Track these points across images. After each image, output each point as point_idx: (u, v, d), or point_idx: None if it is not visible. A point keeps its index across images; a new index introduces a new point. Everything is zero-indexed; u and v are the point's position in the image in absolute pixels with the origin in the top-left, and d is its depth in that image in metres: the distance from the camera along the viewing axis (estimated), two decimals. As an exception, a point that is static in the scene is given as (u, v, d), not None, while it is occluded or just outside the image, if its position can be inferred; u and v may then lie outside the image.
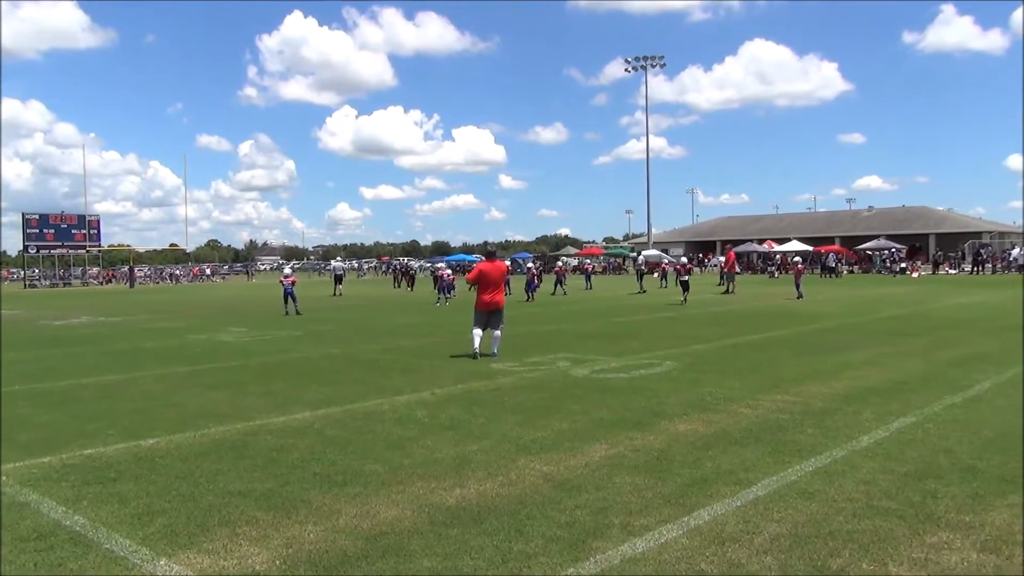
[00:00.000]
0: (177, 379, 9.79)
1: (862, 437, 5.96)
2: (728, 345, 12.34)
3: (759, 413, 6.92)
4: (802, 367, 9.68)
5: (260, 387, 8.92)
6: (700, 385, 8.41)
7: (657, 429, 6.36)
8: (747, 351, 11.49)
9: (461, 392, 8.34)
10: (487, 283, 11.20)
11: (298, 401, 7.93)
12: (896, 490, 4.69)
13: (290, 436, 6.35)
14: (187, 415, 7.31)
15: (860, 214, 73.40)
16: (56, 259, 65.30)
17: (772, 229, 71.53)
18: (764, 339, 13.11)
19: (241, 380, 9.54)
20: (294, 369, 10.50)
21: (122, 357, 12.35)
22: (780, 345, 12.18)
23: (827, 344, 12.10)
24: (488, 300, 11.19)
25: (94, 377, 9.98)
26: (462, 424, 6.69)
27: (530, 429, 6.43)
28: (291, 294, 20.99)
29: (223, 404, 7.89)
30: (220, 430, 6.61)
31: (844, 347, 11.58)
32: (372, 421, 6.89)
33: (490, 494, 4.75)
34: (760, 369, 9.58)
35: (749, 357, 10.75)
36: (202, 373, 10.26)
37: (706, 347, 12.07)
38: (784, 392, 7.90)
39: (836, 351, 11.12)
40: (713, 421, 6.62)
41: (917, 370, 9.29)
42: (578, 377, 9.23)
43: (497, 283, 11.24)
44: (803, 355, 10.84)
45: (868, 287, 32.15)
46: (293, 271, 25.07)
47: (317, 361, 11.33)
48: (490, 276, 11.19)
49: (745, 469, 5.15)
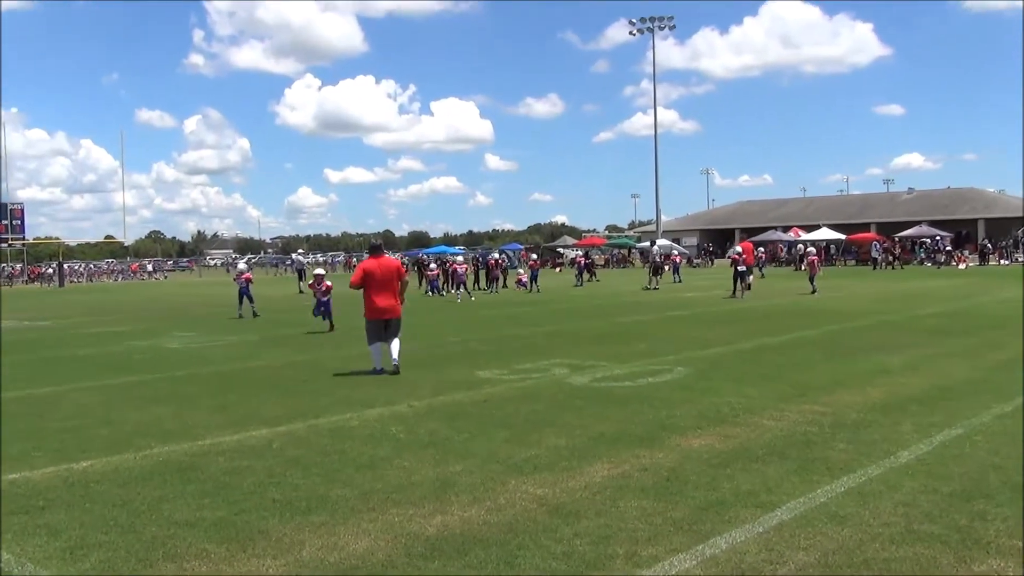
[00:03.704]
0: (115, 392, 9.73)
1: (901, 452, 6.00)
2: (748, 348, 12.39)
3: (783, 426, 6.95)
4: (832, 372, 9.73)
5: (211, 401, 8.89)
6: (716, 394, 8.44)
7: (667, 445, 6.37)
8: (769, 355, 11.54)
9: (442, 404, 8.34)
10: (375, 286, 10.28)
11: (255, 416, 7.91)
12: (940, 512, 4.72)
13: (245, 457, 6.32)
14: (127, 433, 7.27)
15: (899, 197, 73.86)
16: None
17: (798, 215, 71.82)
18: (789, 341, 13.17)
19: (189, 393, 9.50)
20: (250, 380, 10.47)
21: (52, 367, 12.27)
22: (807, 347, 12.25)
23: (861, 346, 12.17)
24: (380, 307, 10.30)
25: (18, 390, 9.92)
26: (443, 441, 6.69)
27: (521, 446, 6.44)
28: (247, 294, 20.89)
29: (168, 420, 7.85)
30: (164, 450, 6.58)
31: (880, 349, 11.65)
32: (340, 439, 6.87)
33: (476, 521, 4.75)
34: (784, 375, 9.63)
35: (772, 361, 10.80)
36: (144, 385, 10.21)
37: (723, 350, 12.11)
38: (812, 401, 7.94)
39: (871, 354, 11.19)
40: (731, 435, 6.65)
41: (963, 375, 9.36)
42: (576, 386, 9.25)
43: (388, 285, 10.31)
44: (833, 359, 10.90)
45: (907, 280, 32.36)
46: (249, 267, 24.91)
47: (277, 370, 11.29)
48: (377, 277, 10.28)
49: (767, 490, 5.17)
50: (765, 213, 75.79)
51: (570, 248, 72.61)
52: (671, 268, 36.61)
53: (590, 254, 47.63)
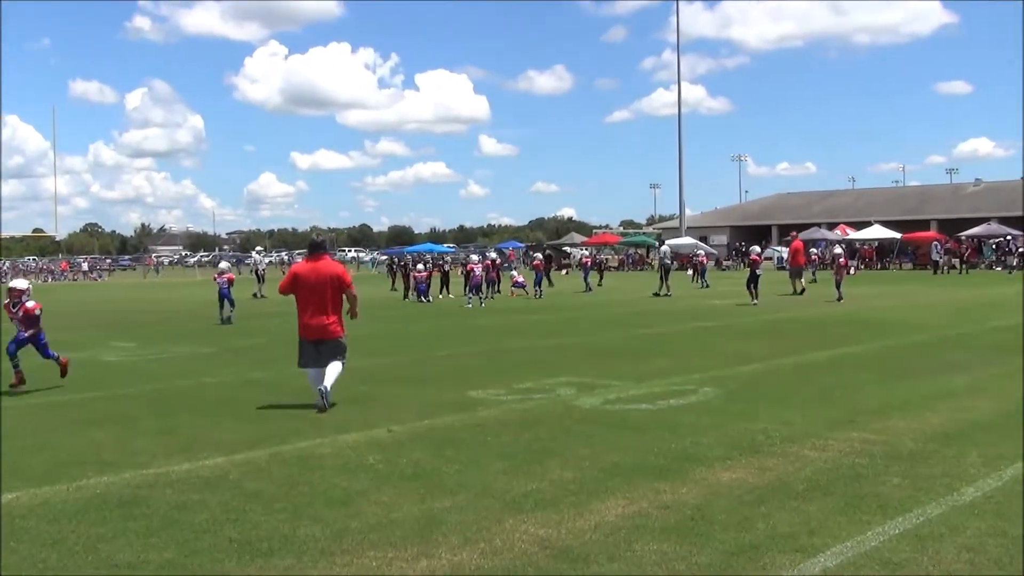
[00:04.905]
0: (43, 413, 9.74)
1: (965, 489, 6.01)
2: (787, 365, 12.42)
3: (828, 457, 6.96)
4: (886, 395, 9.75)
5: (157, 423, 8.89)
6: (750, 419, 8.45)
7: (692, 479, 6.38)
8: (813, 373, 11.56)
9: (428, 429, 8.35)
10: (305, 296, 9.56)
11: (208, 442, 7.91)
12: (1010, 559, 4.73)
13: (197, 489, 6.33)
14: (59, 461, 7.26)
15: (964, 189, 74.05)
16: None
17: (846, 209, 72.00)
18: (835, 357, 13.19)
19: (131, 414, 9.50)
20: (203, 399, 10.47)
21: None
22: (857, 365, 12.27)
23: (919, 364, 12.20)
24: (308, 323, 9.55)
25: (-70, 410, 9.89)
26: (430, 472, 6.69)
27: (521, 479, 6.44)
28: (227, 296, 21.08)
29: (107, 446, 7.85)
30: (103, 481, 6.58)
31: (941, 368, 11.67)
32: (308, 468, 6.87)
33: (467, 567, 4.76)
34: (830, 398, 9.65)
35: (815, 381, 10.82)
36: (78, 404, 10.22)
37: (758, 368, 12.14)
38: (862, 428, 7.96)
39: (931, 373, 11.21)
40: (767, 468, 6.66)
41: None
42: (586, 409, 9.26)
43: (320, 296, 9.49)
44: (887, 379, 10.92)
45: (974, 287, 32.43)
46: (231, 267, 24.85)
47: (235, 388, 11.30)
48: (309, 283, 9.54)
49: (809, 532, 5.18)
50: (807, 207, 75.98)
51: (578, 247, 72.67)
52: (696, 271, 36.72)
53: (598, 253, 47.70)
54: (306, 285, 9.57)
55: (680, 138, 67.87)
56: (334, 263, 10.20)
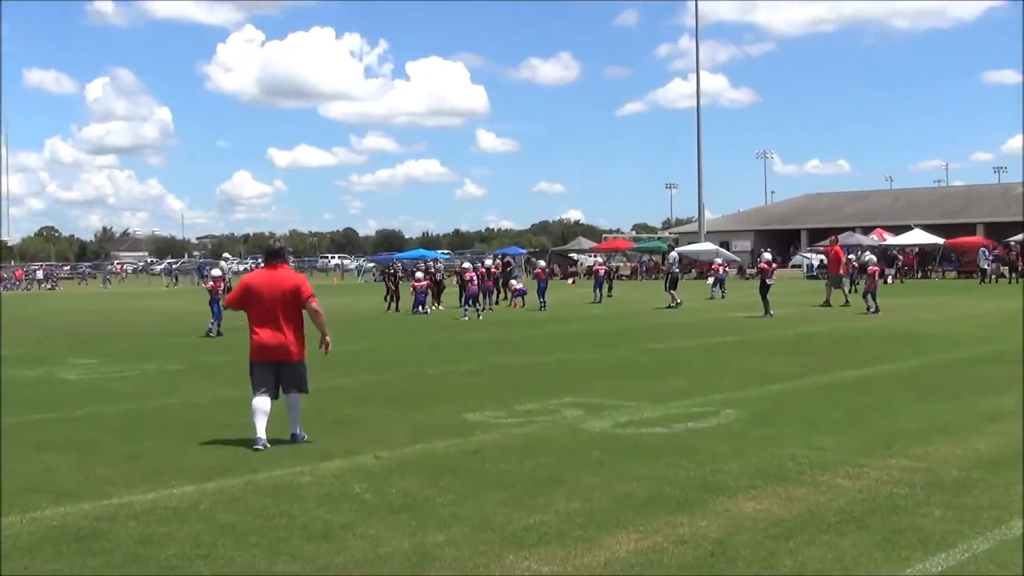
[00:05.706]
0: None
1: (1014, 522, 6.00)
2: (818, 384, 12.43)
3: (863, 486, 6.96)
4: (927, 417, 9.76)
5: (120, 448, 8.90)
6: (776, 444, 8.46)
7: (712, 510, 6.39)
8: (846, 393, 11.56)
9: (420, 455, 8.35)
10: (256, 310, 9.14)
11: (176, 469, 7.91)
12: (1064, 600, 4.74)
13: (164, 521, 6.32)
14: (10, 490, 7.25)
15: (1013, 190, 74.04)
16: None
17: (883, 212, 72.11)
18: (872, 375, 13.20)
19: (92, 437, 9.51)
20: (171, 421, 10.47)
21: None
22: (895, 384, 12.27)
23: (964, 383, 12.21)
24: (261, 342, 9.06)
25: None
26: (421, 503, 6.69)
27: (523, 511, 6.45)
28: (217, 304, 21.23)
29: (65, 473, 7.86)
30: (60, 512, 6.57)
31: (988, 387, 11.68)
32: (287, 499, 6.87)
33: (464, 608, 4.76)
34: (865, 420, 9.65)
35: (849, 402, 10.82)
36: (33, 427, 10.21)
37: (785, 387, 12.15)
38: (900, 454, 7.96)
39: (976, 393, 11.22)
40: (795, 498, 6.66)
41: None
42: (595, 433, 9.27)
43: (274, 310, 9.02)
44: (928, 399, 10.93)
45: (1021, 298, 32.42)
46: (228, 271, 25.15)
47: (206, 409, 11.31)
48: (263, 296, 9.10)
49: (842, 568, 5.18)
50: (840, 209, 76.09)
51: (586, 253, 72.68)
52: (714, 280, 36.76)
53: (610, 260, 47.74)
54: (260, 295, 9.12)
55: (699, 133, 68.09)
56: (293, 273, 9.90)
